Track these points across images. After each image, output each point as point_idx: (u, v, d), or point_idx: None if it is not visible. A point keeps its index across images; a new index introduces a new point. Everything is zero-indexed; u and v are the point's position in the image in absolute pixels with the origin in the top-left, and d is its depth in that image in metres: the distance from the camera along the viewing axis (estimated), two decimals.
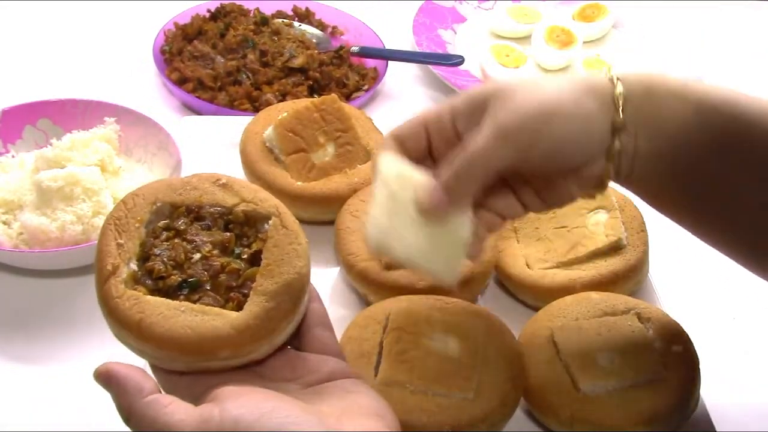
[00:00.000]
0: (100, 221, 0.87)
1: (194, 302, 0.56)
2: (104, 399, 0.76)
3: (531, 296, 0.86)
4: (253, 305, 0.56)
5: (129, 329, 0.55)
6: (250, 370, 0.57)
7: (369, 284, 0.83)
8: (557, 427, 0.74)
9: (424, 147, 0.69)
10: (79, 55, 1.21)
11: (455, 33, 1.30)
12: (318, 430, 0.51)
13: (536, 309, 0.82)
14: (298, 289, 0.58)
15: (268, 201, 0.61)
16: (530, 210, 0.70)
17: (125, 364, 0.55)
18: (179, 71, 1.13)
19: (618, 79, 0.66)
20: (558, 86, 0.65)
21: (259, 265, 0.58)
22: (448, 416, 0.70)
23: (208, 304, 0.56)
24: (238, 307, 0.56)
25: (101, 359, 0.80)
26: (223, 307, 0.56)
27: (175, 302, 0.56)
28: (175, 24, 1.20)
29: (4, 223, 0.90)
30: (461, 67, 1.20)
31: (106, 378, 0.55)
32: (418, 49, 1.23)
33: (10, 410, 0.77)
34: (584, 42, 1.27)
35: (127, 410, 0.53)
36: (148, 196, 0.60)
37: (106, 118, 0.97)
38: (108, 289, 0.56)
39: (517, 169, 0.66)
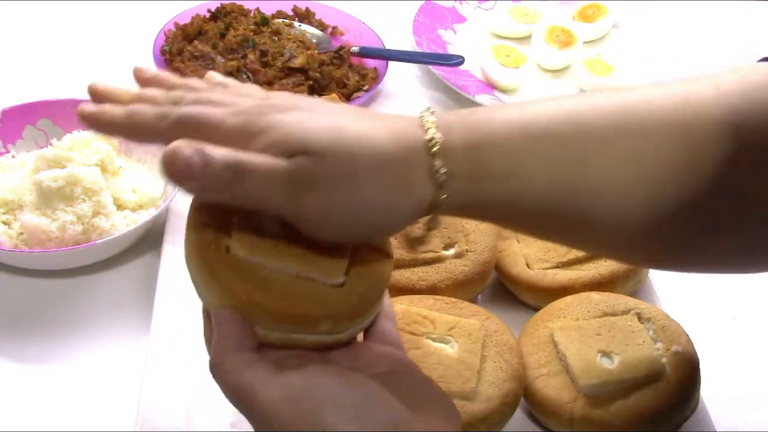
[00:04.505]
0: (100, 221, 0.87)
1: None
2: (104, 399, 0.78)
3: (531, 296, 0.86)
4: (353, 283, 0.55)
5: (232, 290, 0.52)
6: (322, 357, 0.55)
7: None
8: (557, 427, 0.74)
9: None
10: (80, 55, 1.21)
11: (455, 33, 1.30)
12: (405, 416, 0.51)
13: (536, 309, 0.82)
14: (388, 275, 0.57)
15: None
16: None
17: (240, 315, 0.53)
18: (179, 71, 1.13)
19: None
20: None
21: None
22: None
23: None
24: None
25: (101, 359, 0.81)
26: None
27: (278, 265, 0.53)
28: (176, 24, 1.20)
29: (4, 223, 0.90)
30: (461, 67, 1.20)
31: (219, 318, 0.53)
32: (418, 49, 1.23)
33: (10, 410, 0.77)
34: (584, 42, 1.26)
35: (221, 358, 0.52)
36: None
37: None
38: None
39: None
